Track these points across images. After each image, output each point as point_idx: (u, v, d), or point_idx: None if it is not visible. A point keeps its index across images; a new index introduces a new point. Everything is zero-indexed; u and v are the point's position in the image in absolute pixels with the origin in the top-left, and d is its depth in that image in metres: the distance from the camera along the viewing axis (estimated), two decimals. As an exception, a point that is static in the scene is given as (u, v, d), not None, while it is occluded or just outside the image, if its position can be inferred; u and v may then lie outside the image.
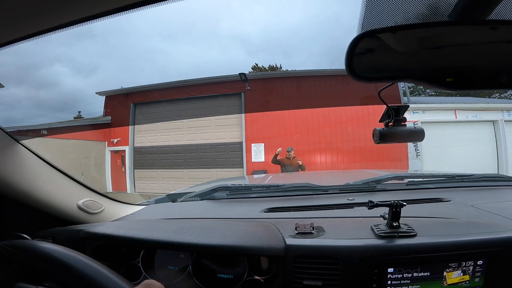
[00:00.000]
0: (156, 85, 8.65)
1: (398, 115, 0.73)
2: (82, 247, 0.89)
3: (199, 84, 7.99)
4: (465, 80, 0.49)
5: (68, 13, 0.50)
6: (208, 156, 7.96)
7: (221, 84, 7.78)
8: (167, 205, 1.37)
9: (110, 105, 9.41)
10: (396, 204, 0.74)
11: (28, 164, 0.88)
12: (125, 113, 9.11)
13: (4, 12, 0.48)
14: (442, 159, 5.95)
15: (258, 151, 7.36)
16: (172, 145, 8.43)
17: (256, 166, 7.25)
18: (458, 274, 0.70)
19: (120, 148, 9.30)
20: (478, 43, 0.49)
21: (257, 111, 7.41)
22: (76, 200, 1.00)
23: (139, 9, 0.50)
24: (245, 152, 7.53)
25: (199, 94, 7.95)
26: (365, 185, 1.28)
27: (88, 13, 0.50)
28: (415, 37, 0.50)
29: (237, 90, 7.67)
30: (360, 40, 0.50)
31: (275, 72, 7.39)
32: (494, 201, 1.04)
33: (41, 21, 0.52)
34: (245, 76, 7.00)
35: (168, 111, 8.55)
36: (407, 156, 6.22)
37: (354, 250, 0.73)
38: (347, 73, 0.51)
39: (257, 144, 7.37)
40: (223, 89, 7.75)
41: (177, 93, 8.25)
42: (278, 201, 1.22)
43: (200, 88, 7.93)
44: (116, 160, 9.48)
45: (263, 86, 7.58)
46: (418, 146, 6.14)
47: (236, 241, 0.78)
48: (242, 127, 7.61)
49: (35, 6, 0.48)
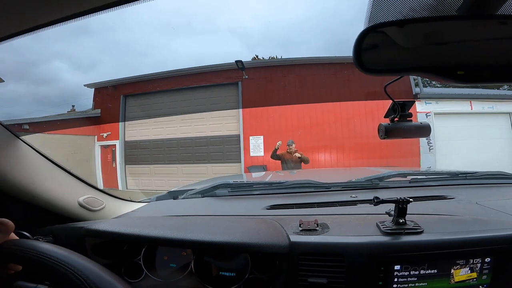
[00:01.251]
0: (147, 76, 8.26)
1: (404, 110, 0.73)
2: (83, 244, 0.89)
3: (192, 73, 7.52)
4: (476, 73, 0.49)
5: (66, 7, 0.51)
6: (203, 150, 7.57)
7: (217, 73, 7.29)
8: (168, 202, 1.37)
9: (99, 98, 9.10)
10: (403, 200, 0.73)
11: (28, 161, 0.88)
12: (115, 106, 8.76)
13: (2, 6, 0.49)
14: (456, 153, 5.54)
15: (257, 145, 6.86)
16: (165, 138, 8.11)
17: (255, 161, 6.79)
18: (465, 271, 0.70)
19: (110, 142, 8.99)
20: (487, 37, 0.49)
21: (256, 102, 6.92)
22: (77, 197, 0.99)
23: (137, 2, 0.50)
24: (242, 146, 7.06)
25: (193, 84, 7.49)
26: (368, 182, 1.27)
27: (86, 6, 0.51)
28: (423, 31, 0.50)
29: (233, 80, 7.14)
30: (367, 33, 0.50)
31: (275, 60, 6.80)
32: (498, 199, 1.03)
33: (39, 15, 0.53)
34: (242, 63, 6.43)
35: (160, 103, 8.16)
36: (419, 150, 5.79)
37: (360, 247, 0.72)
38: (356, 66, 0.51)
39: (256, 137, 6.86)
40: (218, 79, 7.26)
41: (170, 84, 7.84)
42: (280, 198, 1.21)
43: (194, 78, 7.48)
44: (107, 155, 9.16)
45: (262, 75, 7.03)
46: (431, 140, 5.71)
47: (239, 238, 0.77)
48: (239, 118, 7.11)
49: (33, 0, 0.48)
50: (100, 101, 9.05)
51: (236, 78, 7.09)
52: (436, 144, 5.82)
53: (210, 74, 7.35)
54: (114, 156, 8.90)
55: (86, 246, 0.88)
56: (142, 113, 8.44)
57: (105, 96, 9.03)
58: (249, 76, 7.00)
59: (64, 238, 0.88)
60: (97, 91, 9.17)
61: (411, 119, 0.73)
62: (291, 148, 4.49)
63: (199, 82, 7.43)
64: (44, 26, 0.54)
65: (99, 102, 9.07)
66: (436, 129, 5.67)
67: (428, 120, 5.59)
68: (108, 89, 8.97)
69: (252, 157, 6.92)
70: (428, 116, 5.65)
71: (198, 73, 7.48)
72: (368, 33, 0.50)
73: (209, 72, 7.37)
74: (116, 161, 8.86)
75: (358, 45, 0.50)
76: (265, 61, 6.76)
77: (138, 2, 0.50)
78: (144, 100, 8.48)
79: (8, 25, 0.54)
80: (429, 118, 5.65)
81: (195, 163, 7.68)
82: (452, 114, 5.87)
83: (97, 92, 9.17)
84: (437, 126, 5.68)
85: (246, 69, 6.87)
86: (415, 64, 0.50)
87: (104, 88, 9.05)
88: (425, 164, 5.70)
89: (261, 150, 6.83)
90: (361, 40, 0.49)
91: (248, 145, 6.98)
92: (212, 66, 7.30)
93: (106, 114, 8.95)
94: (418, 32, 0.49)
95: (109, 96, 8.96)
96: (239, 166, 7.08)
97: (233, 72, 7.01)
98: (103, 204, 1.08)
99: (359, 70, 0.50)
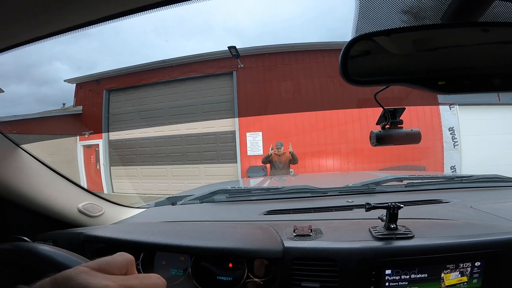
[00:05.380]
0: (131, 68, 7.54)
1: (394, 117, 0.75)
2: (83, 249, 0.91)
3: (181, 64, 6.77)
4: (457, 83, 0.49)
5: (66, 19, 0.52)
6: (194, 149, 6.90)
7: (208, 62, 6.52)
8: (167, 208, 1.39)
9: (81, 94, 8.52)
10: (393, 206, 0.75)
11: (28, 168, 0.90)
12: (98, 102, 8.16)
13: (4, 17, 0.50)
14: (483, 150, 4.87)
15: (255, 142, 6.10)
16: (152, 136, 7.50)
17: (253, 161, 6.02)
18: (455, 275, 0.71)
19: (93, 142, 8.45)
20: (470, 45, 0.49)
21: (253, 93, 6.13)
22: (77, 203, 1.02)
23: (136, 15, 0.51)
24: (239, 144, 6.32)
25: (182, 75, 6.78)
26: (365, 187, 1.30)
27: (86, 19, 0.52)
28: (408, 40, 0.50)
29: (227, 69, 6.37)
30: (354, 44, 0.51)
31: (274, 45, 6.01)
32: (493, 202, 1.05)
33: (39, 27, 0.54)
34: (236, 50, 5.61)
35: (146, 97, 7.45)
36: (442, 148, 5.12)
37: (352, 252, 0.74)
38: (341, 76, 0.52)
39: (254, 133, 6.10)
40: (210, 69, 6.51)
41: (156, 76, 7.10)
42: (277, 204, 1.23)
43: (183, 68, 6.76)
44: (90, 156, 8.58)
45: (260, 63, 6.21)
46: (455, 134, 5.04)
47: (235, 244, 0.80)
48: (235, 113, 6.35)
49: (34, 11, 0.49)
50: (82, 97, 8.46)
51: (230, 67, 6.32)
52: (461, 139, 5.16)
53: (201, 64, 6.60)
54: (98, 156, 8.29)
55: (85, 252, 0.91)
56: (127, 109, 7.79)
57: (87, 91, 8.43)
58: (245, 65, 6.22)
59: (63, 244, 0.89)
60: (79, 86, 8.57)
61: (402, 126, 0.75)
62: (280, 151, 4.30)
63: (189, 73, 6.71)
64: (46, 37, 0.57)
65: (81, 99, 8.48)
66: (461, 123, 5.07)
67: (452, 112, 4.97)
68: (91, 84, 8.32)
69: (249, 157, 6.20)
70: (452, 107, 5.01)
71: (187, 64, 6.75)
72: (354, 44, 0.50)
73: (199, 62, 6.61)
74: (100, 162, 8.23)
75: (344, 57, 0.50)
76: (263, 47, 5.95)
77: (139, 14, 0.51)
78: (129, 95, 7.84)
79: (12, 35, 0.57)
80: (452, 110, 5.00)
81: (186, 163, 7.06)
82: (478, 106, 5.20)
83: (79, 88, 8.57)
84: (462, 119, 5.07)
85: (241, 57, 6.07)
86: (399, 75, 0.51)
87: (87, 83, 8.42)
88: (448, 163, 5.06)
89: (259, 149, 6.09)
90: (347, 51, 0.50)
91: (245, 143, 6.24)
92: (202, 55, 6.52)
93: (88, 111, 8.36)
94: (403, 42, 0.50)
95: (91, 91, 8.35)
96: (235, 167, 6.39)
97: (227, 61, 6.24)
98: (102, 210, 1.11)
99: (346, 82, 0.51)
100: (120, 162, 8.04)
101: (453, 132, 5.02)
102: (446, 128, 4.99)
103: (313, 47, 5.92)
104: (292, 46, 5.97)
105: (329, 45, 5.72)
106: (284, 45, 6.01)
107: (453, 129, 4.97)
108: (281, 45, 6.04)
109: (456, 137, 5.13)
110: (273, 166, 4.31)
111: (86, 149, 8.56)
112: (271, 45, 6.04)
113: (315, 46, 5.91)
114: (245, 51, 6.08)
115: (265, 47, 6.07)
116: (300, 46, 5.99)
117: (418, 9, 0.52)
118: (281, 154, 4.29)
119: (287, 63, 6.01)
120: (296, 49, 6.02)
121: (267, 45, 6.00)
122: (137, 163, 7.76)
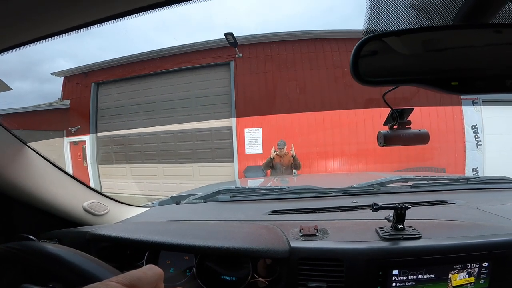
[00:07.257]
0: (121, 59, 7.13)
1: (402, 117, 0.75)
2: (88, 248, 0.91)
3: (174, 54, 6.28)
4: (470, 84, 0.49)
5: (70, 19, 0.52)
6: (187, 147, 6.46)
7: (203, 52, 6.03)
8: (171, 207, 1.41)
9: (69, 87, 8.17)
10: (401, 206, 0.75)
11: (35, 166, 0.90)
12: (86, 95, 7.80)
13: (8, 16, 0.50)
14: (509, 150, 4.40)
15: (254, 139, 5.57)
16: (142, 132, 7.08)
17: (251, 160, 5.50)
18: (463, 276, 0.71)
19: (80, 138, 8.04)
20: (483, 46, 0.49)
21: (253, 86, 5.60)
22: (82, 202, 1.03)
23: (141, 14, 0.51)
24: (236, 141, 5.82)
25: (175, 67, 6.27)
26: (369, 187, 1.30)
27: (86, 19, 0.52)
28: (419, 41, 0.50)
29: (224, 59, 5.85)
30: (365, 44, 0.51)
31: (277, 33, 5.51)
32: (499, 204, 1.04)
33: (43, 26, 0.55)
34: (233, 38, 5.07)
35: (136, 90, 7.05)
36: (464, 148, 4.65)
37: (359, 252, 0.74)
38: (352, 76, 0.52)
39: (253, 129, 5.57)
40: (206, 59, 6.01)
41: (148, 68, 6.64)
42: (281, 204, 1.24)
43: (176, 59, 6.27)
44: (77, 153, 8.21)
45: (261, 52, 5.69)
46: (479, 133, 4.57)
47: (241, 243, 0.80)
48: (232, 107, 5.83)
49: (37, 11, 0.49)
50: (69, 90, 8.11)
51: (228, 57, 5.80)
52: (485, 138, 4.69)
53: (196, 53, 6.11)
54: (85, 154, 7.90)
55: (90, 250, 0.91)
56: (116, 103, 7.41)
57: (74, 85, 8.08)
58: (244, 54, 5.70)
59: (69, 242, 0.88)
60: (67, 79, 8.20)
61: (410, 126, 0.74)
62: (282, 151, 3.71)
63: (182, 64, 6.20)
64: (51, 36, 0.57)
65: (68, 92, 8.13)
66: (485, 121, 4.61)
67: (475, 109, 4.52)
68: (78, 76, 7.96)
69: (247, 155, 5.69)
70: (475, 103, 4.56)
71: (181, 54, 6.25)
72: (366, 44, 0.50)
73: (194, 51, 6.12)
74: (87, 159, 7.84)
75: (355, 57, 0.50)
76: (263, 35, 5.44)
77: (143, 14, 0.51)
78: (118, 88, 7.47)
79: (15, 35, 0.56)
80: (476, 105, 4.54)
81: (178, 162, 6.63)
82: (503, 102, 4.73)
83: (67, 81, 8.20)
84: (486, 116, 4.60)
85: (239, 46, 5.54)
86: (411, 75, 0.51)
87: (75, 76, 8.05)
88: (471, 164, 4.60)
89: (259, 147, 5.58)
90: (358, 51, 0.50)
91: (242, 140, 5.72)
92: (197, 44, 5.99)
93: (75, 105, 8.00)
94: (415, 42, 0.50)
95: (79, 84, 7.98)
96: (232, 167, 5.89)
97: (224, 50, 5.73)
98: (107, 208, 1.11)
99: (357, 82, 0.51)
100: (108, 160, 7.63)
101: (476, 130, 4.58)
102: (469, 126, 4.54)
103: (320, 35, 5.39)
104: (296, 34, 5.45)
105: (339, 33, 5.21)
106: (287, 32, 5.49)
107: (476, 127, 4.52)
108: (284, 33, 5.52)
109: (480, 136, 4.67)
110: (274, 169, 3.80)
111: (73, 146, 8.17)
112: (273, 32, 5.52)
113: (322, 34, 5.38)
114: (244, 40, 5.56)
115: (266, 34, 5.56)
116: (305, 34, 5.47)
117: (430, 10, 0.53)
118: (283, 155, 3.77)
119: (290, 53, 5.49)
120: (300, 37, 5.50)
121: (268, 33, 5.48)
122: (126, 161, 7.38)
